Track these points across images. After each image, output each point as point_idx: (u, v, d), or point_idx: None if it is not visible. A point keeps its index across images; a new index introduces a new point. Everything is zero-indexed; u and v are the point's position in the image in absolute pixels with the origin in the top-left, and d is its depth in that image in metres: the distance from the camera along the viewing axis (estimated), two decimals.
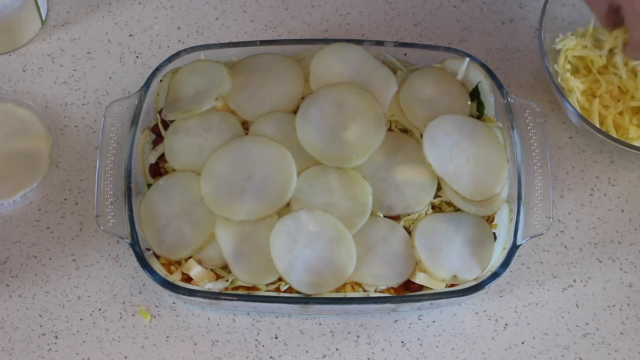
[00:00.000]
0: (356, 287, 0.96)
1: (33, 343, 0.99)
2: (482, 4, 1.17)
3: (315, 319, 1.00)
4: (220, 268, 0.97)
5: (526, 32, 1.16)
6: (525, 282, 1.03)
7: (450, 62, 1.05)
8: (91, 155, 1.07)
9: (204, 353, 0.99)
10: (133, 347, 0.99)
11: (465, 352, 1.00)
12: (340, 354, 0.99)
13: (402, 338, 1.00)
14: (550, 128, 1.10)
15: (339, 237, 0.95)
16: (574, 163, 1.09)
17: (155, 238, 0.97)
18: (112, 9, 1.15)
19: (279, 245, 0.94)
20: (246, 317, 1.00)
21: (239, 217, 0.96)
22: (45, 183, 1.05)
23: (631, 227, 1.06)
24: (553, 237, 1.05)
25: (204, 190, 0.97)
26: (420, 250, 0.96)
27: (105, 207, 0.96)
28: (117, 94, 1.10)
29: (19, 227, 1.04)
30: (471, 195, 0.98)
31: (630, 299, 1.03)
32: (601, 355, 1.00)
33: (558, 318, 1.01)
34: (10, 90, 1.10)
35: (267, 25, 1.15)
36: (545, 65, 1.04)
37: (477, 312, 1.01)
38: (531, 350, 1.00)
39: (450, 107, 1.03)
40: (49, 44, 1.13)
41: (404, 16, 1.17)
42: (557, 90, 1.04)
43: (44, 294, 1.01)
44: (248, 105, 1.02)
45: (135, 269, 1.02)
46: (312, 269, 0.94)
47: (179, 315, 1.00)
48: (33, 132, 1.07)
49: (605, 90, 1.07)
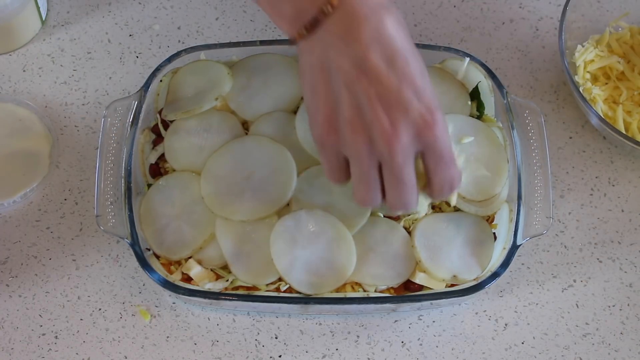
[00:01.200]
0: (356, 287, 0.96)
1: (33, 343, 0.99)
2: (482, 4, 1.17)
3: (315, 319, 1.00)
4: (220, 268, 0.97)
5: (526, 32, 1.16)
6: (525, 282, 1.03)
7: (450, 62, 1.05)
8: (91, 155, 1.07)
9: (204, 353, 0.99)
10: (133, 347, 0.99)
11: (465, 352, 1.00)
12: (340, 354, 0.99)
13: (402, 338, 1.00)
14: (550, 128, 1.10)
15: (339, 237, 0.95)
16: (574, 163, 1.09)
17: (155, 238, 0.97)
18: (112, 9, 1.15)
19: (279, 245, 0.94)
20: (246, 317, 1.00)
21: (239, 217, 0.96)
22: (45, 183, 1.05)
23: (631, 227, 1.06)
24: (553, 237, 1.05)
25: (204, 190, 0.97)
26: (420, 250, 0.96)
27: (105, 207, 0.96)
28: (117, 94, 1.10)
29: (19, 227, 1.04)
30: (471, 195, 0.98)
31: (630, 299, 1.03)
32: (601, 355, 1.00)
33: (558, 318, 1.01)
34: (10, 90, 1.10)
35: (267, 25, 1.15)
36: (570, 79, 1.04)
37: (477, 312, 1.01)
38: (531, 350, 1.00)
39: (450, 107, 1.03)
40: (49, 44, 1.13)
41: (404, 16, 1.16)
42: (583, 100, 1.03)
43: (44, 294, 1.01)
44: (248, 105, 1.02)
45: (135, 269, 1.02)
46: (312, 269, 0.94)
47: (179, 315, 1.00)
48: (33, 132, 1.07)
49: (626, 97, 1.08)
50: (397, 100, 0.77)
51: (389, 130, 0.77)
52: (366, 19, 0.78)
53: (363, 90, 0.78)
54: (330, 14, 0.78)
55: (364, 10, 0.78)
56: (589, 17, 1.11)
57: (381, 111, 0.77)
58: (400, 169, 0.80)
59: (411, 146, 0.79)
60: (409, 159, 0.80)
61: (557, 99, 1.12)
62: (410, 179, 0.81)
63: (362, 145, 0.79)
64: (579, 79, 1.08)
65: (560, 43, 1.05)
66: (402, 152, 0.79)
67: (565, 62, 1.04)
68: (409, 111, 0.78)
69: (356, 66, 0.78)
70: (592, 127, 1.10)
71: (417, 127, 0.78)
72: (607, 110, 1.08)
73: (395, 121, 0.77)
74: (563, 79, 1.13)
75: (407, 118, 0.78)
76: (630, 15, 1.12)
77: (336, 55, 0.79)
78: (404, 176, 0.80)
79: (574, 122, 1.11)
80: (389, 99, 0.77)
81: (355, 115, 0.79)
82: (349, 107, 0.79)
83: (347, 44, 0.78)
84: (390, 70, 0.78)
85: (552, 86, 1.13)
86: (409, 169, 0.80)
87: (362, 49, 0.77)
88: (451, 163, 0.83)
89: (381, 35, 0.78)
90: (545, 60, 1.14)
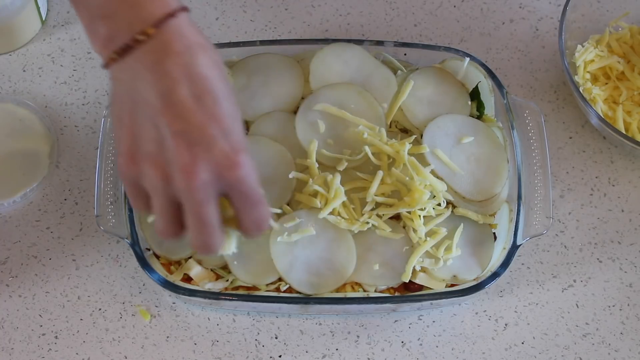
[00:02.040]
0: (356, 287, 0.96)
1: (33, 343, 0.99)
2: (482, 4, 1.17)
3: (315, 319, 1.00)
4: (220, 268, 0.97)
5: (526, 32, 1.16)
6: (525, 282, 1.03)
7: (450, 62, 1.05)
8: (91, 155, 1.07)
9: (204, 353, 0.99)
10: (133, 347, 0.99)
11: (465, 352, 1.00)
12: (340, 354, 0.99)
13: (402, 338, 1.00)
14: (550, 128, 1.10)
15: (339, 237, 0.95)
16: (574, 163, 1.09)
17: (155, 238, 0.97)
18: None
19: (279, 245, 0.94)
20: (246, 317, 1.00)
21: None
22: (45, 183, 1.05)
23: (631, 227, 1.06)
24: (553, 237, 1.05)
25: None
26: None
27: (105, 207, 0.96)
28: None
29: (19, 227, 1.04)
30: (471, 195, 0.98)
31: (630, 299, 1.03)
32: (601, 355, 1.00)
33: (558, 318, 1.01)
34: (10, 90, 1.10)
35: (267, 25, 1.15)
36: (570, 79, 1.04)
37: (477, 312, 1.01)
38: (531, 350, 1.00)
39: (450, 107, 1.03)
40: (49, 44, 1.13)
41: (404, 16, 1.17)
42: (583, 100, 1.03)
43: (44, 294, 1.01)
44: (248, 105, 1.02)
45: (135, 269, 1.02)
46: (312, 269, 0.95)
47: (179, 315, 1.00)
48: (33, 132, 1.07)
49: (626, 97, 1.08)
50: (200, 137, 0.74)
51: (188, 167, 0.74)
52: (179, 54, 0.74)
53: (167, 125, 0.74)
54: (144, 42, 0.75)
55: (178, 45, 0.74)
56: (589, 17, 1.11)
57: (183, 147, 0.74)
58: (200, 207, 0.76)
59: (212, 185, 0.76)
60: (210, 197, 0.76)
61: (557, 99, 1.12)
62: (210, 218, 0.77)
63: (158, 180, 0.76)
64: (579, 79, 1.08)
65: (560, 43, 1.05)
66: (201, 190, 0.75)
67: (565, 62, 1.04)
68: (212, 150, 0.75)
69: (162, 99, 0.74)
70: (592, 127, 1.10)
71: (219, 167, 0.75)
72: (607, 110, 1.08)
73: (196, 158, 0.74)
74: (563, 79, 1.13)
75: (209, 156, 0.75)
76: (630, 15, 1.12)
77: (144, 86, 0.75)
78: (203, 215, 0.77)
79: (574, 122, 1.11)
80: (192, 135, 0.74)
81: (156, 149, 0.76)
82: (151, 141, 0.76)
83: (156, 76, 0.74)
84: (198, 108, 0.75)
85: (552, 86, 1.13)
86: (209, 208, 0.77)
87: (170, 82, 0.74)
88: (258, 204, 0.79)
89: (192, 73, 0.74)
90: (545, 60, 1.14)
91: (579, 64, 1.08)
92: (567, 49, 1.07)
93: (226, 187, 0.77)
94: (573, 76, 1.06)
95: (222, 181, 0.76)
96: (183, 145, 0.74)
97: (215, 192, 0.77)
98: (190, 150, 0.74)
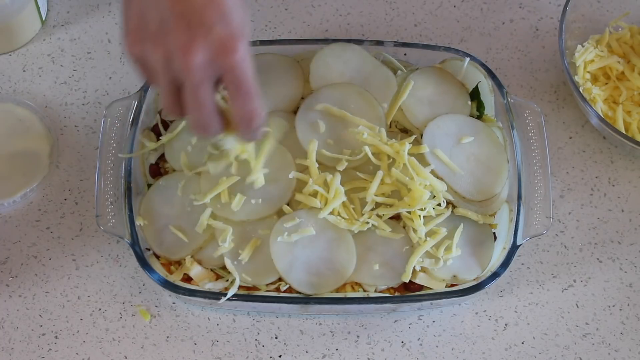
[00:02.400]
0: (356, 287, 0.96)
1: (33, 343, 0.99)
2: (482, 4, 1.17)
3: (315, 319, 1.00)
4: (220, 268, 0.97)
5: (526, 32, 1.16)
6: (525, 282, 1.03)
7: (450, 62, 1.05)
8: (91, 155, 1.07)
9: (204, 353, 0.99)
10: (133, 347, 0.99)
11: (465, 352, 1.00)
12: (340, 354, 0.99)
13: (402, 338, 1.00)
14: (550, 128, 1.10)
15: (339, 237, 0.95)
16: (574, 163, 1.09)
17: (155, 238, 0.97)
18: (112, 9, 1.15)
19: (279, 245, 0.94)
20: (246, 317, 1.00)
21: (239, 217, 0.96)
22: (45, 183, 1.05)
23: (631, 227, 1.06)
24: (553, 237, 1.05)
25: (204, 190, 0.97)
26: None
27: (105, 207, 0.96)
28: (117, 94, 1.10)
29: (19, 227, 1.04)
30: (471, 195, 0.98)
31: (630, 299, 1.03)
32: (601, 355, 1.00)
33: (558, 318, 1.01)
34: (10, 90, 1.10)
35: (267, 25, 1.15)
36: (570, 79, 1.04)
37: (477, 312, 1.01)
38: (531, 350, 1.00)
39: (450, 107, 1.03)
40: (49, 44, 1.13)
41: (404, 16, 1.17)
42: (583, 100, 1.03)
43: (44, 294, 1.01)
44: None
45: (135, 269, 1.02)
46: (312, 269, 0.95)
47: (179, 315, 1.00)
48: (33, 132, 1.07)
49: (626, 97, 1.08)
50: (199, 20, 0.77)
51: (186, 48, 0.77)
52: None
53: (169, 7, 0.78)
54: None
55: None
56: (589, 17, 1.11)
57: (182, 28, 0.77)
58: (196, 88, 0.79)
59: (208, 68, 0.79)
60: (206, 80, 0.79)
61: (557, 99, 1.12)
62: (206, 99, 0.80)
63: (160, 59, 0.79)
64: (579, 79, 1.08)
65: (560, 43, 1.05)
66: (197, 70, 0.78)
67: (565, 62, 1.04)
68: (209, 33, 0.77)
69: None
70: (592, 127, 1.10)
71: (216, 50, 0.78)
72: (607, 110, 1.08)
73: (194, 39, 0.77)
74: (563, 79, 1.13)
75: (207, 38, 0.77)
76: (630, 15, 1.12)
77: None
78: (200, 95, 0.80)
79: (574, 122, 1.11)
80: (192, 18, 0.77)
81: (159, 30, 0.79)
82: (155, 21, 0.79)
83: None
84: None
85: (552, 86, 1.13)
86: (205, 89, 0.79)
87: None
88: (251, 95, 0.82)
89: None
90: (545, 60, 1.14)
91: (579, 64, 1.08)
92: (567, 49, 1.07)
93: (222, 71, 0.79)
94: (573, 76, 1.06)
95: (217, 64, 0.78)
96: (183, 26, 0.77)
97: (211, 76, 0.79)
98: (189, 31, 0.77)
